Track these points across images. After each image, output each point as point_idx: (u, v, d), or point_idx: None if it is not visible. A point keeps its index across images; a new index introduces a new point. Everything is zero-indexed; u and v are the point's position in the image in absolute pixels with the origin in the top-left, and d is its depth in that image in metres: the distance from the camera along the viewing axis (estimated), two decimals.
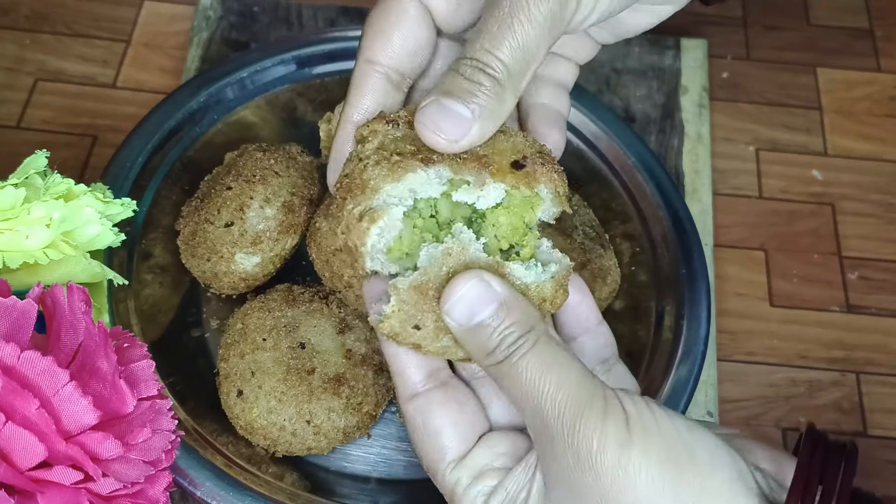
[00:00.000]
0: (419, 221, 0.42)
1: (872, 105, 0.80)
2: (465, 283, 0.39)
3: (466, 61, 0.42)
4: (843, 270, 0.72)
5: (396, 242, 0.42)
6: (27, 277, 0.48)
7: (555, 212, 0.44)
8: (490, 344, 0.39)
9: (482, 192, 0.42)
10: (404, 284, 0.40)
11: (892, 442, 0.64)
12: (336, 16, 0.79)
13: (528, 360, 0.39)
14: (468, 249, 0.40)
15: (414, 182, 0.41)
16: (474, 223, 0.43)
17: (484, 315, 0.39)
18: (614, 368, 0.47)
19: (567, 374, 0.38)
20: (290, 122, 0.68)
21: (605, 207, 0.65)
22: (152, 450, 0.42)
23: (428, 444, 0.44)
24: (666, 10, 0.49)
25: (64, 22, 0.79)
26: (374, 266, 0.42)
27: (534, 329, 0.39)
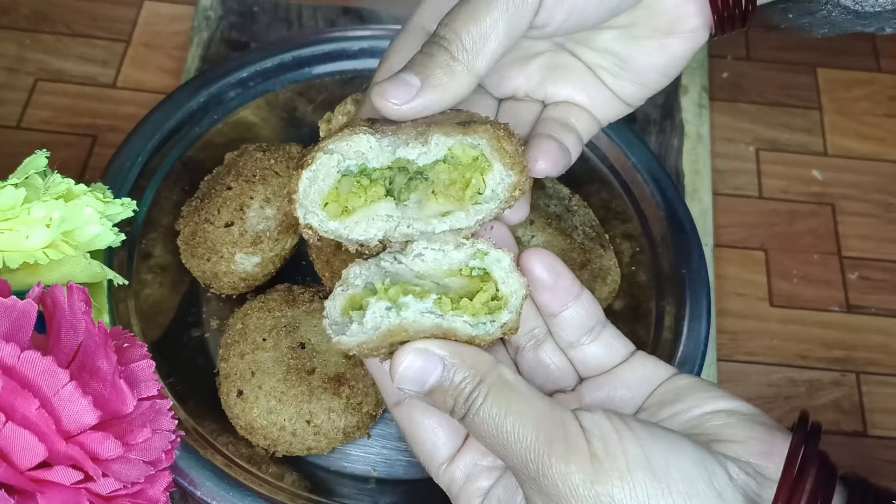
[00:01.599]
0: (364, 182, 0.43)
1: (872, 105, 0.80)
2: (404, 358, 0.40)
3: (429, 39, 0.44)
4: (843, 270, 0.72)
5: (332, 194, 0.42)
6: (27, 277, 0.48)
7: (510, 182, 0.43)
8: (447, 404, 0.40)
9: (424, 149, 0.42)
10: (351, 345, 0.40)
11: (891, 442, 0.64)
12: (336, 16, 0.79)
13: (485, 412, 0.39)
14: (410, 326, 0.40)
15: (360, 145, 0.42)
16: (417, 184, 0.43)
17: (432, 380, 0.40)
18: (602, 335, 0.46)
19: (523, 417, 0.38)
20: (290, 122, 0.68)
21: (605, 207, 0.65)
22: (152, 450, 0.42)
23: (419, 447, 0.45)
24: (674, 44, 0.49)
25: (64, 22, 0.79)
26: (310, 219, 0.42)
27: (484, 380, 0.40)
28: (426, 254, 0.43)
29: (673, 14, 0.48)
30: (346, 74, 0.68)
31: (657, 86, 0.51)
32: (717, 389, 0.44)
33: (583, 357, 0.46)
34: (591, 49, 0.50)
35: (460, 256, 0.43)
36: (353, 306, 0.42)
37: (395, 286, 0.41)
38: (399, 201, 0.43)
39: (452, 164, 0.43)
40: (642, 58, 0.49)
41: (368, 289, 0.42)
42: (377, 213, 0.43)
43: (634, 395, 0.45)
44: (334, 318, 0.41)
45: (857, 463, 0.63)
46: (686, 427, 0.42)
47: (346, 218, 0.43)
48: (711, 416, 0.42)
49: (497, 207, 0.43)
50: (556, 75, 0.51)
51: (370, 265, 0.43)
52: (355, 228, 0.43)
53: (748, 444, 0.40)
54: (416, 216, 0.43)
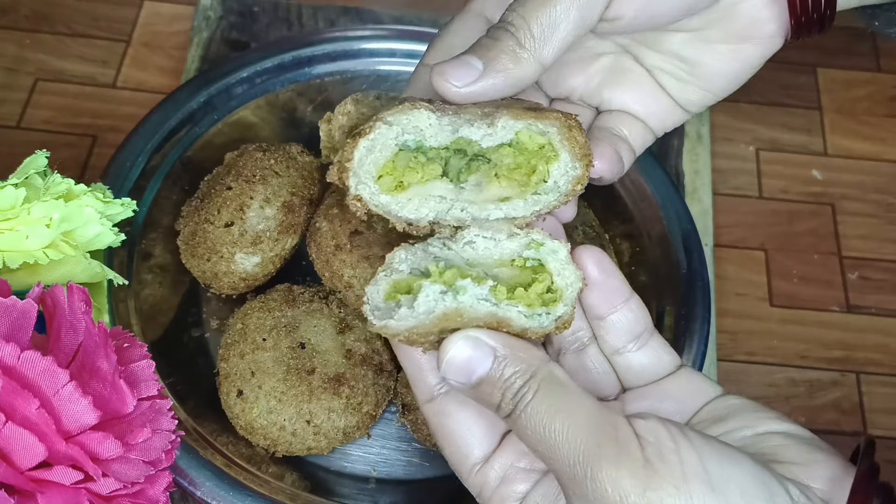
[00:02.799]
0: (421, 158, 0.41)
1: (872, 105, 0.80)
2: (453, 346, 0.38)
3: (496, 24, 0.42)
4: (843, 270, 0.72)
5: (387, 167, 0.41)
6: (27, 277, 0.48)
7: (575, 174, 0.42)
8: (494, 398, 0.38)
9: (490, 130, 0.41)
10: (398, 329, 0.39)
11: (892, 442, 0.64)
12: (336, 16, 0.79)
13: (533, 409, 0.37)
14: (466, 312, 0.38)
15: (419, 120, 0.41)
16: (478, 166, 0.42)
17: (481, 372, 0.38)
18: (649, 343, 0.45)
19: (574, 418, 0.36)
20: (290, 122, 0.68)
21: (605, 207, 0.65)
22: (152, 450, 0.42)
23: (450, 446, 0.43)
24: (748, 50, 0.48)
25: (64, 22, 0.79)
26: (361, 190, 0.41)
27: (535, 375, 0.38)
28: (477, 241, 0.41)
29: (749, 19, 0.47)
30: (346, 74, 0.68)
31: (723, 93, 0.50)
32: (771, 411, 0.42)
33: (628, 365, 0.45)
34: (658, 52, 0.49)
35: (513, 246, 0.41)
36: (398, 290, 0.40)
37: (450, 269, 0.40)
38: (456, 183, 0.42)
39: (518, 149, 0.42)
40: (713, 63, 0.48)
41: (414, 275, 0.40)
42: (431, 193, 0.42)
43: (681, 410, 0.43)
44: (377, 303, 0.40)
45: None
46: (741, 446, 0.40)
47: (398, 194, 0.41)
48: (768, 437, 0.40)
49: (556, 200, 0.42)
50: (615, 80, 0.50)
51: (416, 250, 0.41)
52: (407, 206, 0.41)
53: (809, 468, 0.39)
54: (472, 199, 0.42)
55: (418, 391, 0.43)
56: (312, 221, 0.60)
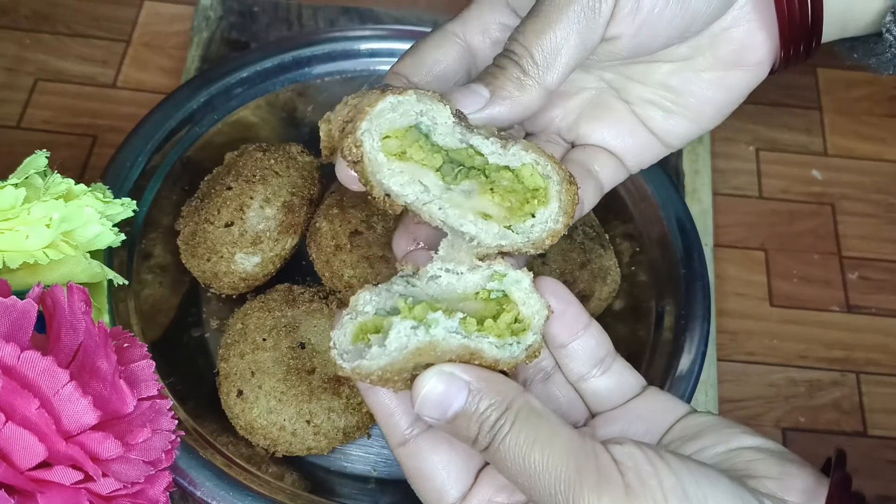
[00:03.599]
0: (427, 144, 0.42)
1: (872, 105, 0.80)
2: (427, 382, 0.38)
3: (501, 53, 0.43)
4: (843, 270, 0.72)
5: (399, 131, 0.41)
6: (27, 277, 0.48)
7: (554, 227, 0.42)
8: (471, 432, 0.38)
9: (501, 151, 0.41)
10: (371, 369, 0.38)
11: (891, 442, 0.64)
12: (336, 16, 0.79)
13: (511, 441, 0.37)
14: (439, 345, 0.38)
15: (440, 114, 0.41)
16: (477, 175, 0.42)
17: (456, 406, 0.38)
18: (612, 367, 0.45)
19: (552, 448, 0.37)
20: (290, 122, 0.68)
21: (605, 207, 0.65)
22: (152, 450, 0.42)
23: (426, 488, 0.43)
24: (736, 78, 0.48)
25: (64, 22, 0.79)
26: (367, 140, 0.40)
27: (511, 407, 0.38)
28: (441, 276, 0.41)
29: (739, 45, 0.47)
30: (346, 74, 0.68)
31: (710, 124, 0.50)
32: (740, 426, 0.43)
33: (594, 390, 0.45)
34: (645, 84, 0.49)
35: (476, 279, 0.41)
36: (364, 331, 0.40)
37: (419, 304, 0.40)
38: (447, 183, 0.42)
39: (518, 178, 0.42)
40: (701, 92, 0.48)
41: (380, 315, 0.40)
42: (422, 179, 0.42)
43: (651, 430, 0.44)
44: (344, 346, 0.39)
45: (857, 463, 0.63)
46: (715, 463, 0.41)
47: (395, 161, 0.41)
48: (740, 453, 0.41)
49: (524, 245, 0.42)
50: (594, 115, 0.50)
51: (380, 290, 0.41)
52: (396, 176, 0.41)
53: (784, 482, 0.39)
54: (455, 203, 0.42)
55: (390, 436, 0.43)
56: (312, 221, 0.60)
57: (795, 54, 0.47)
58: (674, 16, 0.44)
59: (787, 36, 0.46)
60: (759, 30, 0.47)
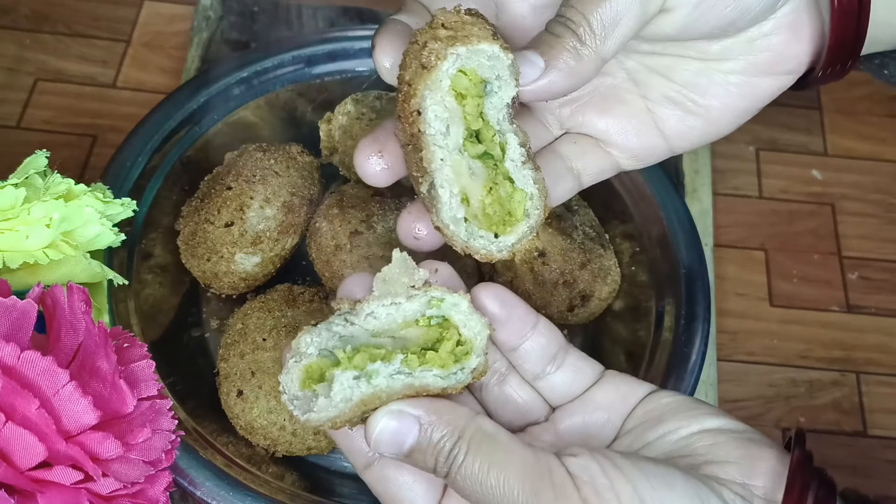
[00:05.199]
0: (480, 106, 0.41)
1: (872, 105, 0.80)
2: (378, 422, 0.38)
3: (555, 18, 0.42)
4: (843, 270, 0.72)
5: (472, 77, 0.41)
6: (27, 277, 0.48)
7: (498, 254, 0.43)
8: (428, 464, 0.38)
9: (520, 166, 0.42)
10: (321, 421, 0.39)
11: (891, 442, 0.64)
12: (336, 16, 0.79)
13: (467, 469, 0.37)
14: (383, 392, 0.39)
15: (505, 85, 0.41)
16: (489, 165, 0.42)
17: (410, 442, 0.38)
18: (566, 361, 0.45)
19: (508, 470, 0.37)
20: (290, 122, 0.68)
21: (605, 207, 0.65)
22: (152, 450, 0.42)
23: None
24: (764, 85, 0.47)
25: (64, 22, 0.79)
26: (450, 58, 0.40)
27: (463, 435, 0.38)
28: (378, 311, 0.41)
29: (777, 52, 0.46)
30: (346, 74, 0.68)
31: (724, 131, 0.49)
32: (702, 406, 0.43)
33: (551, 386, 0.45)
34: (669, 80, 0.47)
35: (415, 307, 0.41)
36: (311, 377, 0.40)
37: (358, 353, 0.40)
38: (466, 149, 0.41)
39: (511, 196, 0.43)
40: (725, 96, 0.47)
41: (324, 356, 0.40)
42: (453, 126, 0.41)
43: (612, 417, 0.44)
44: (293, 392, 0.39)
45: (857, 463, 0.63)
46: (675, 449, 0.41)
47: (450, 95, 0.41)
48: (700, 437, 0.41)
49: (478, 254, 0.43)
50: (604, 105, 0.48)
51: (320, 331, 0.40)
52: (439, 105, 0.41)
53: (741, 464, 0.39)
54: (455, 168, 0.41)
55: (354, 460, 0.43)
56: (312, 221, 0.60)
57: (833, 70, 0.46)
58: (727, 4, 0.43)
59: (834, 50, 0.45)
60: (797, 41, 0.46)
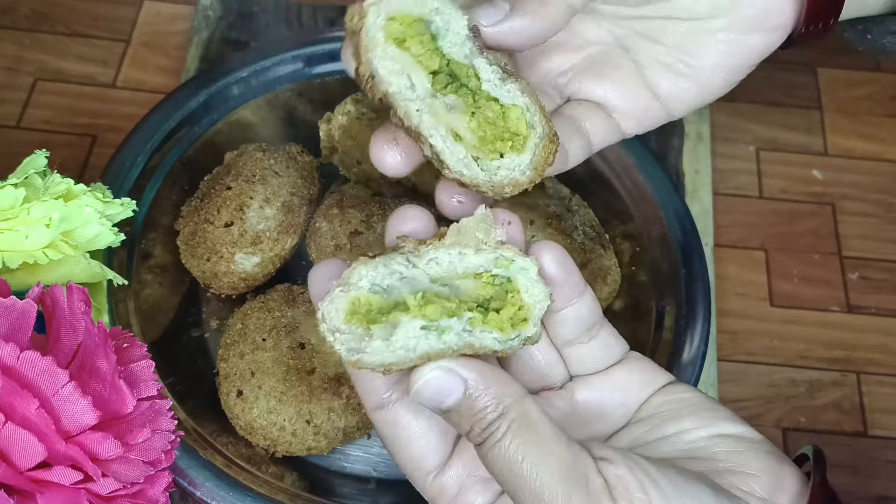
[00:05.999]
0: (430, 44, 0.40)
1: (873, 105, 0.80)
2: (426, 375, 0.37)
3: None
4: (843, 270, 0.71)
5: (405, 20, 0.40)
6: (27, 277, 0.48)
7: (516, 177, 0.40)
8: (463, 428, 0.37)
9: (501, 84, 0.40)
10: (372, 364, 0.37)
11: (891, 442, 0.64)
12: (336, 16, 0.79)
13: (502, 447, 0.36)
14: (449, 350, 0.37)
15: (451, 17, 0.40)
16: (463, 95, 0.40)
17: (451, 402, 0.37)
18: (600, 334, 0.44)
19: (545, 466, 0.36)
20: (290, 122, 0.68)
21: (605, 207, 0.65)
22: (152, 450, 0.42)
23: (402, 456, 0.41)
24: (753, 42, 0.46)
25: (64, 22, 0.79)
26: (371, 13, 0.39)
27: (507, 413, 0.37)
28: (442, 257, 0.39)
29: (762, 8, 0.45)
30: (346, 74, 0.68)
31: (718, 91, 0.48)
32: (720, 408, 0.42)
33: (579, 356, 0.44)
34: (660, 43, 0.47)
35: (480, 261, 0.39)
36: (357, 312, 0.37)
37: (430, 304, 0.38)
38: (435, 89, 0.40)
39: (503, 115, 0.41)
40: (714, 57, 0.46)
41: (374, 292, 0.38)
42: (412, 74, 0.40)
43: (628, 400, 0.43)
44: (335, 324, 0.37)
45: (857, 463, 0.63)
46: (692, 449, 0.40)
47: (391, 46, 0.40)
48: (718, 441, 0.40)
49: (483, 183, 0.40)
50: (599, 71, 0.48)
51: (377, 265, 0.38)
52: (386, 61, 0.40)
53: (764, 479, 0.39)
54: (434, 112, 0.40)
55: (366, 398, 0.41)
56: (312, 221, 0.60)
57: (815, 28, 0.46)
58: None
59: (813, 4, 0.45)
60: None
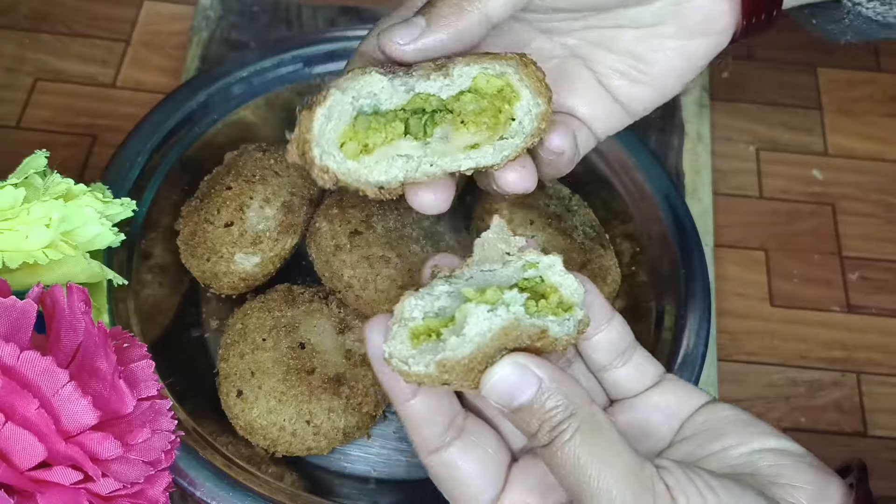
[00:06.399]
0: (381, 121, 0.41)
1: (873, 105, 0.80)
2: (501, 370, 0.38)
3: None
4: (843, 270, 0.71)
5: (348, 133, 0.41)
6: (27, 277, 0.48)
7: (539, 111, 0.42)
8: (532, 427, 0.38)
9: (446, 81, 0.41)
10: (457, 358, 0.38)
11: (892, 442, 0.64)
12: (336, 16, 0.79)
13: (570, 448, 0.37)
14: (520, 323, 0.38)
15: (371, 84, 0.40)
16: (442, 117, 0.41)
17: (523, 399, 0.38)
18: (633, 357, 0.45)
19: (612, 469, 0.37)
20: (290, 122, 0.68)
21: (605, 207, 0.65)
22: (152, 450, 0.42)
23: (459, 494, 0.42)
24: (699, 46, 0.47)
25: (63, 22, 0.79)
26: (327, 159, 0.40)
27: (576, 414, 0.38)
28: (476, 276, 0.41)
29: (706, 13, 0.47)
30: None
31: (671, 92, 0.49)
32: (762, 424, 0.43)
33: (614, 380, 0.45)
34: (611, 52, 0.48)
35: (510, 272, 0.41)
36: (416, 337, 0.39)
37: (489, 289, 0.39)
38: (422, 138, 0.41)
39: (478, 94, 0.41)
40: (665, 61, 0.48)
41: (429, 318, 0.40)
42: (398, 152, 0.41)
43: (670, 420, 0.44)
44: (405, 353, 0.38)
45: None
46: (738, 465, 0.41)
47: (365, 156, 0.41)
48: (762, 455, 0.41)
49: (523, 141, 0.42)
50: (561, 84, 0.49)
51: (423, 295, 0.40)
52: (375, 168, 0.41)
53: (808, 490, 0.39)
54: (441, 151, 0.42)
55: (422, 444, 0.42)
56: (312, 221, 0.60)
57: (757, 22, 0.47)
58: None
59: (748, 5, 0.46)
60: None
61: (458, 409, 0.42)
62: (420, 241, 0.58)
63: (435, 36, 0.41)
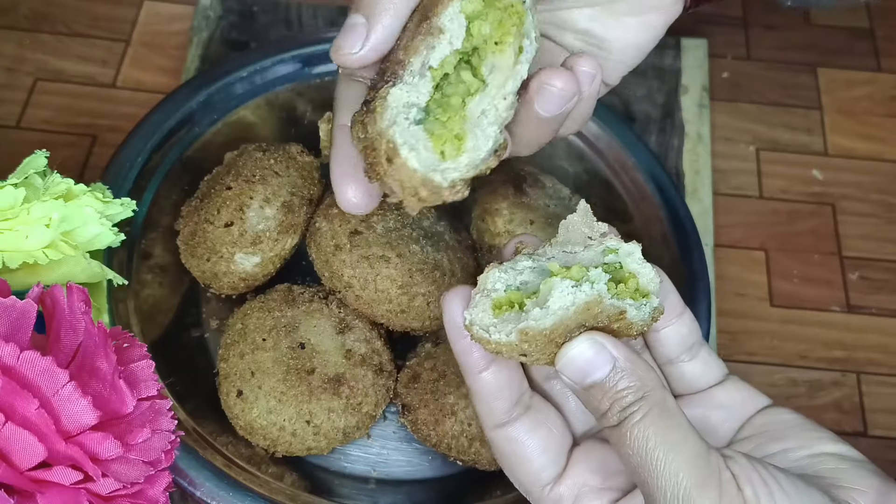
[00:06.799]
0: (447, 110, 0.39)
1: (873, 105, 0.80)
2: (579, 345, 0.39)
3: None
4: (843, 270, 0.71)
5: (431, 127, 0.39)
6: (27, 277, 0.48)
7: None
8: (602, 406, 0.39)
9: (442, 37, 0.38)
10: (540, 328, 0.39)
11: (892, 442, 0.64)
12: (336, 16, 0.79)
13: (639, 430, 0.38)
14: (603, 300, 0.39)
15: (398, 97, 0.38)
16: (478, 55, 0.39)
17: (597, 377, 0.39)
18: (700, 354, 0.45)
19: (680, 453, 0.37)
20: (290, 122, 0.68)
21: (605, 207, 0.65)
22: (152, 450, 0.42)
23: (521, 470, 0.43)
24: (654, 19, 0.48)
25: (63, 22, 0.79)
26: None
27: (647, 396, 0.38)
28: (559, 256, 0.42)
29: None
30: None
31: (634, 63, 0.50)
32: (823, 430, 0.43)
33: (680, 374, 0.46)
34: (570, 31, 0.48)
35: (591, 255, 0.42)
36: (499, 306, 0.40)
37: (575, 266, 0.40)
38: (480, 87, 0.39)
39: (480, 15, 0.39)
40: (623, 37, 0.48)
41: (509, 293, 0.40)
42: (479, 113, 0.39)
43: (731, 419, 0.45)
44: (487, 321, 0.39)
45: None
46: (798, 467, 0.41)
47: (460, 145, 0.39)
48: (823, 459, 0.41)
49: (537, 11, 0.40)
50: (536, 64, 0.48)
51: (507, 269, 0.41)
52: (483, 145, 0.39)
53: (869, 494, 0.39)
54: (502, 80, 0.39)
55: (488, 417, 0.43)
56: (312, 221, 0.60)
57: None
58: None
59: None
60: None
61: (526, 387, 0.43)
62: (420, 241, 0.58)
63: (381, 25, 0.38)
